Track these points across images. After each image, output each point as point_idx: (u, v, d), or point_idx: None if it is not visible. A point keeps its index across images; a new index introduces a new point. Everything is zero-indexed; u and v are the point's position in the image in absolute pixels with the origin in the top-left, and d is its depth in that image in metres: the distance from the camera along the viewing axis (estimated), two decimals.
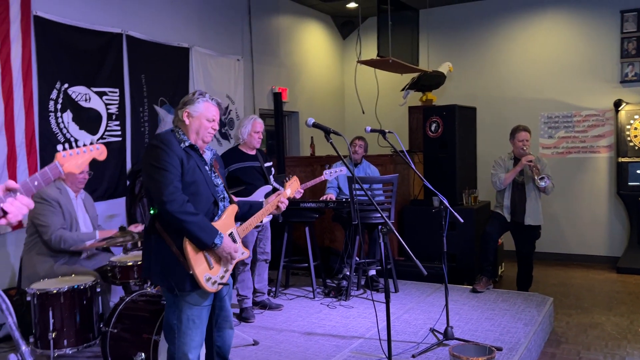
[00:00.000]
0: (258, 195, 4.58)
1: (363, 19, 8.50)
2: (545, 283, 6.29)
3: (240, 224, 2.94)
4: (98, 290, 3.44)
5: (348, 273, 5.32)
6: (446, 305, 4.06)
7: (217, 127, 2.84)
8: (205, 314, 2.76)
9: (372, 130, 4.08)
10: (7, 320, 1.08)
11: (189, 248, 2.61)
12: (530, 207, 5.42)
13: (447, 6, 8.25)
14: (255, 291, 4.91)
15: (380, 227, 2.90)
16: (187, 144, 2.73)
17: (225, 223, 2.79)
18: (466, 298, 5.22)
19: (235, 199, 3.03)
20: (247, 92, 7.23)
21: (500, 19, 8.00)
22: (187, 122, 2.76)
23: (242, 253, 2.87)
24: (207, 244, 2.63)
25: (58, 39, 4.77)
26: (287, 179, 3.28)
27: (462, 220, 3.95)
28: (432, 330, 4.16)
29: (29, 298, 3.31)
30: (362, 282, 5.63)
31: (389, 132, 4.06)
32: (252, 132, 4.63)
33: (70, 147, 4.57)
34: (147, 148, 2.74)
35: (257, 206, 3.01)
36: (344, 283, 5.33)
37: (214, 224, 2.71)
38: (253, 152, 4.73)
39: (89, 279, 3.45)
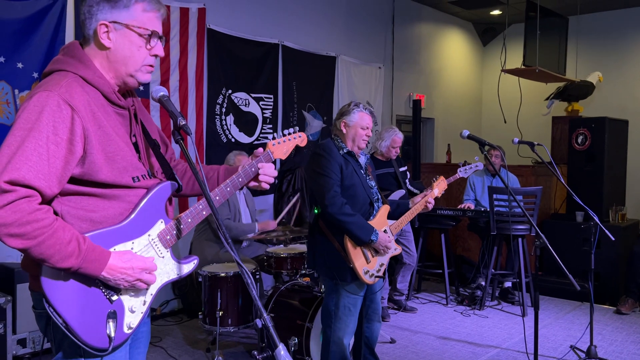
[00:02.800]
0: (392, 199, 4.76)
1: (506, 26, 8.35)
2: None
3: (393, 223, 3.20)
4: (257, 277, 3.83)
5: (483, 283, 5.33)
6: (590, 323, 3.97)
7: (371, 134, 3.11)
8: (359, 303, 3.06)
9: (520, 142, 4.06)
10: (252, 293, 1.35)
11: (349, 244, 2.92)
12: None
13: (598, 13, 7.87)
14: (395, 290, 5.12)
15: (535, 240, 2.97)
16: (344, 150, 3.05)
17: (379, 221, 3.07)
18: (609, 319, 5.02)
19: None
20: (386, 99, 7.45)
21: None
22: (344, 130, 3.08)
23: (394, 249, 3.12)
24: (365, 241, 2.92)
25: (225, 49, 5.32)
26: (435, 178, 3.43)
27: (613, 238, 3.84)
28: (573, 347, 4.08)
29: (200, 279, 3.78)
30: (497, 294, 5.60)
31: (538, 144, 4.03)
32: (390, 146, 4.83)
33: (231, 147, 5.09)
34: (311, 155, 3.07)
35: (403, 205, 3.26)
36: (479, 293, 5.34)
37: (369, 222, 2.99)
38: (394, 157, 4.93)
39: (251, 266, 3.86)
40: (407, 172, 5.11)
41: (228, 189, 1.87)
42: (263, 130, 5.71)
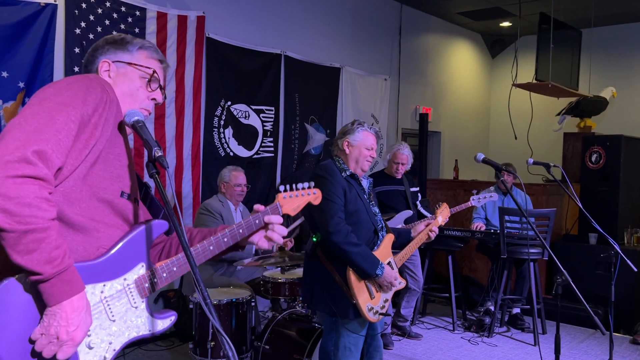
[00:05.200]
0: (397, 220, 4.50)
1: (516, 38, 8.12)
2: None
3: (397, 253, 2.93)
4: (252, 304, 3.57)
5: (492, 308, 5.06)
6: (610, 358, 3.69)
7: (375, 155, 2.88)
8: (361, 343, 2.80)
9: (536, 163, 3.81)
10: None
11: (352, 278, 2.66)
12: None
13: (613, 26, 7.62)
14: (399, 316, 4.84)
15: (557, 277, 2.70)
16: (347, 173, 2.80)
17: (383, 252, 2.81)
18: (625, 350, 4.74)
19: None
20: (392, 112, 7.20)
21: None
22: (347, 151, 2.83)
23: (399, 282, 2.86)
24: (370, 274, 2.66)
25: (225, 59, 5.08)
26: (437, 206, 3.18)
27: (635, 269, 3.57)
28: None
29: (191, 306, 3.53)
30: (506, 319, 5.32)
31: (555, 165, 3.78)
32: (391, 161, 4.61)
33: (229, 161, 4.84)
34: (312, 177, 2.77)
35: (405, 234, 2.99)
36: (487, 320, 5.06)
37: (373, 253, 2.73)
38: (399, 176, 4.69)
39: (246, 293, 3.60)
40: (419, 194, 4.86)
41: (225, 239, 1.63)
42: (263, 143, 5.46)
